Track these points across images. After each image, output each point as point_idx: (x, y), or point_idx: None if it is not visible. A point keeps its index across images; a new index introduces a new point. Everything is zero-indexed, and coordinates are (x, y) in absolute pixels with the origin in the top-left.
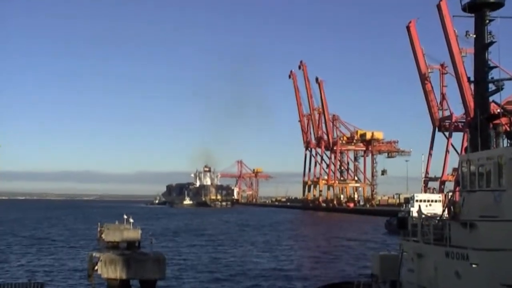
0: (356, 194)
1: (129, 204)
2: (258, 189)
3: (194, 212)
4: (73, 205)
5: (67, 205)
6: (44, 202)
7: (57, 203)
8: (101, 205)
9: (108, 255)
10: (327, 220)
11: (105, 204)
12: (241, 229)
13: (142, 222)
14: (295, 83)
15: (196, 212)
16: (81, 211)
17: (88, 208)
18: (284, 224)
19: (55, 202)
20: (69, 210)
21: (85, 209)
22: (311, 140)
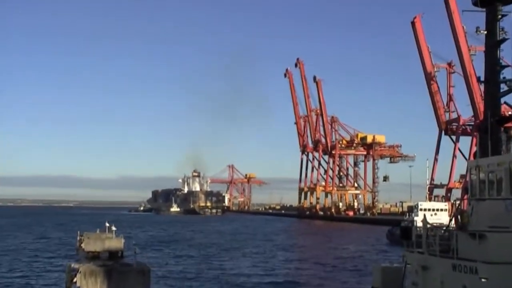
0: (356, 202)
1: (111, 211)
2: (251, 196)
3: (182, 220)
4: (50, 212)
5: (44, 212)
6: (18, 208)
7: (32, 209)
8: (81, 212)
9: (88, 266)
10: (324, 230)
11: (85, 211)
12: (233, 238)
13: (125, 231)
14: (291, 82)
15: (184, 220)
16: (59, 219)
17: (66, 216)
18: (278, 233)
19: (30, 209)
20: (46, 217)
21: (63, 217)
22: (308, 144)
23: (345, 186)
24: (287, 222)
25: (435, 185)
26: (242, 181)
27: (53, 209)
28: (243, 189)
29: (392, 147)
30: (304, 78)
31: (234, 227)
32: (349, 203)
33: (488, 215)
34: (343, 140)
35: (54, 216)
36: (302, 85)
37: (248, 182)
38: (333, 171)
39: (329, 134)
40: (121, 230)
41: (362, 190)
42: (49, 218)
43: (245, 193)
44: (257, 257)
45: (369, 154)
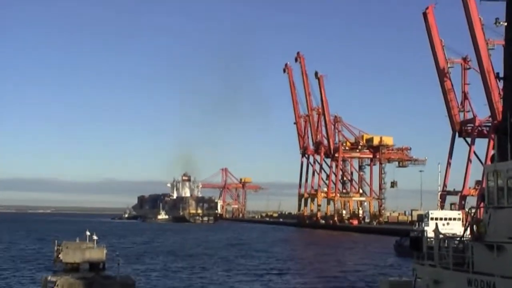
0: (360, 210)
1: (92, 219)
2: (246, 202)
3: (170, 228)
4: (24, 219)
5: (17, 218)
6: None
7: (4, 216)
8: (58, 219)
9: (66, 279)
10: (326, 240)
11: (64, 218)
12: (226, 249)
13: (108, 240)
14: (291, 78)
15: (172, 228)
16: (34, 226)
17: (42, 223)
18: (276, 243)
19: (1, 215)
20: (19, 224)
21: (39, 224)
22: (308, 146)
23: (349, 192)
24: (286, 231)
25: (448, 191)
26: (237, 186)
27: (28, 216)
28: (238, 195)
29: (400, 150)
30: (305, 74)
31: (227, 236)
32: (353, 211)
33: (507, 224)
34: (347, 141)
35: (29, 224)
36: (303, 82)
37: (243, 187)
38: (336, 176)
39: (332, 135)
40: (103, 240)
41: (367, 197)
42: (23, 225)
43: (240, 199)
44: (252, 269)
45: (375, 157)
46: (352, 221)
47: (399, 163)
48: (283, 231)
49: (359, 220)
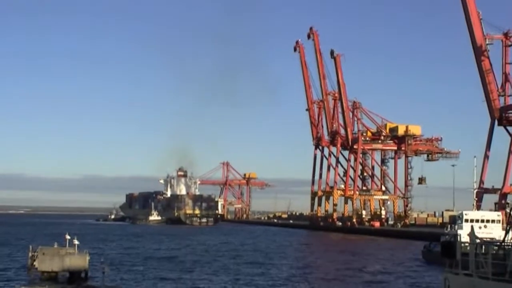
0: (383, 210)
1: (73, 220)
2: (251, 201)
3: (164, 231)
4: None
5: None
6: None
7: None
8: (34, 221)
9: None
10: (344, 245)
11: (40, 219)
12: (227, 256)
13: (91, 245)
14: (302, 58)
15: (166, 231)
16: (5, 229)
17: (15, 226)
18: (286, 249)
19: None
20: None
21: (11, 227)
22: (323, 136)
23: (370, 190)
24: (297, 234)
25: (485, 189)
26: (240, 183)
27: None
28: (241, 193)
29: (430, 141)
30: (319, 53)
31: (229, 240)
32: (375, 212)
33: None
34: (367, 131)
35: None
36: (317, 62)
37: (247, 184)
38: (355, 171)
39: (350, 123)
40: (86, 245)
41: (391, 195)
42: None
43: (243, 197)
44: (259, 280)
45: (400, 149)
46: (373, 223)
47: (428, 156)
48: (294, 235)
49: (382, 222)
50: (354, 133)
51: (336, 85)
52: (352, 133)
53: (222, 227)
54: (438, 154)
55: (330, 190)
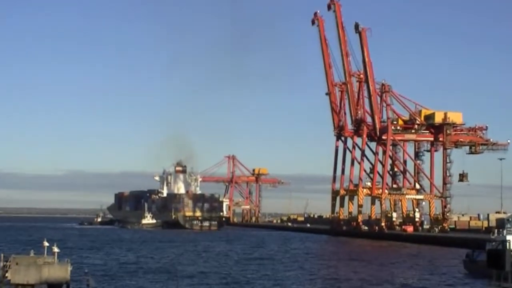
0: (417, 212)
1: (53, 224)
2: (261, 202)
3: (159, 237)
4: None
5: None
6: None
7: None
8: (6, 225)
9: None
10: (371, 254)
11: (14, 223)
12: (235, 266)
13: (74, 253)
14: (321, 32)
15: (162, 237)
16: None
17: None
18: (303, 259)
19: None
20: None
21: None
22: (346, 125)
23: (402, 188)
24: (315, 241)
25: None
26: (248, 180)
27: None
28: (249, 192)
29: (473, 131)
30: (341, 27)
31: (236, 248)
32: (407, 214)
33: None
34: (398, 119)
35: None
36: (338, 38)
37: (257, 181)
38: (384, 166)
39: (378, 110)
40: (68, 253)
41: (427, 195)
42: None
43: (252, 197)
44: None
45: (437, 140)
46: (405, 227)
47: (470, 148)
48: (312, 241)
49: (416, 227)
50: (382, 121)
51: (362, 65)
52: (381, 121)
53: (227, 232)
54: (483, 146)
55: (355, 188)
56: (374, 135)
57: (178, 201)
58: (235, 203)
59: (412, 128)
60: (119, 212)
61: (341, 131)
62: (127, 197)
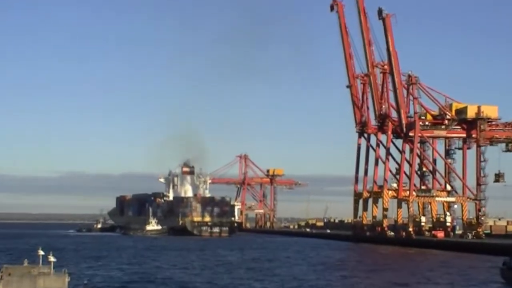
0: (448, 216)
1: (49, 230)
2: (276, 205)
3: (165, 244)
4: None
5: None
6: None
7: None
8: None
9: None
10: (397, 262)
11: (5, 230)
12: (248, 278)
13: (72, 263)
14: (341, 19)
15: (168, 244)
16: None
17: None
18: (323, 267)
19: None
20: None
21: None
22: (369, 120)
23: (431, 190)
24: (337, 248)
25: None
26: (262, 182)
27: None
28: (263, 195)
29: (509, 126)
30: (363, 13)
31: (249, 256)
32: (437, 218)
33: None
34: (427, 114)
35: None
36: (360, 25)
37: (272, 183)
38: (411, 165)
39: (404, 104)
40: (65, 262)
41: (459, 197)
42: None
43: (267, 200)
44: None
45: (470, 137)
46: (436, 232)
47: (507, 145)
48: (333, 248)
49: (446, 232)
50: (409, 117)
51: (386, 55)
52: (407, 116)
53: (239, 238)
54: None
55: (379, 190)
56: (400, 132)
57: (186, 205)
58: (248, 207)
59: (442, 123)
60: (121, 218)
61: (363, 128)
62: (129, 201)
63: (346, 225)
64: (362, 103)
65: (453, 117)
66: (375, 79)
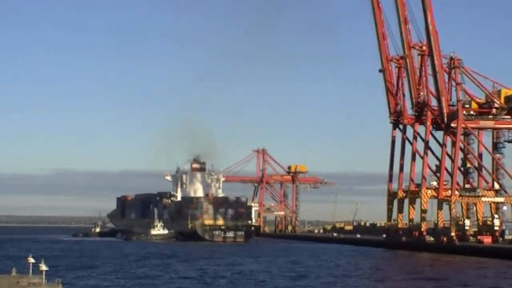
0: (497, 219)
1: (40, 235)
2: (298, 207)
3: (172, 251)
4: None
5: None
6: None
7: None
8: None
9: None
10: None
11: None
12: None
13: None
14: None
15: (176, 251)
16: None
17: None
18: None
19: None
20: None
21: None
22: (405, 110)
23: (477, 189)
24: (369, 255)
25: None
26: (283, 180)
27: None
28: (284, 195)
29: None
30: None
31: (269, 266)
32: (484, 221)
33: None
34: (472, 101)
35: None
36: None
37: (293, 182)
38: (454, 161)
39: (446, 90)
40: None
41: (508, 197)
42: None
43: (288, 201)
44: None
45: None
46: (482, 238)
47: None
48: (365, 256)
49: (494, 237)
50: (451, 105)
51: (424, 34)
52: (449, 104)
53: (258, 244)
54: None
55: (417, 189)
56: (440, 122)
57: (196, 206)
58: (267, 209)
59: (489, 112)
60: (122, 221)
61: (399, 118)
62: (131, 202)
63: (378, 229)
64: (397, 89)
65: (502, 105)
66: (412, 62)
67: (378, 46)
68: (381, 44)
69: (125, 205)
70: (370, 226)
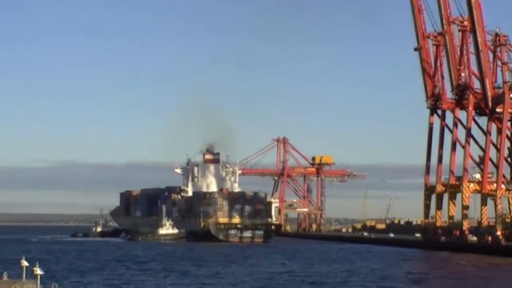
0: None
1: (36, 235)
2: (324, 203)
3: (182, 253)
4: None
5: None
6: None
7: None
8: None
9: None
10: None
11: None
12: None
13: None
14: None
15: (185, 253)
16: None
17: None
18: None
19: None
20: None
21: None
22: (444, 93)
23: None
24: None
25: None
26: (306, 172)
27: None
28: (308, 189)
29: None
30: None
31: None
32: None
33: None
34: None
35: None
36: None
37: (318, 175)
38: (500, 150)
39: (490, 71)
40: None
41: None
42: None
43: (312, 196)
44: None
45: None
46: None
47: None
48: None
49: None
50: (496, 87)
51: (466, 8)
52: (493, 87)
53: (277, 246)
54: None
55: (457, 183)
56: (484, 107)
57: (209, 202)
58: (288, 205)
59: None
60: (126, 219)
61: (437, 102)
62: (137, 198)
63: (414, 227)
64: (434, 70)
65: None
66: (452, 39)
67: (414, 21)
68: (416, 19)
69: (129, 201)
70: (404, 224)
